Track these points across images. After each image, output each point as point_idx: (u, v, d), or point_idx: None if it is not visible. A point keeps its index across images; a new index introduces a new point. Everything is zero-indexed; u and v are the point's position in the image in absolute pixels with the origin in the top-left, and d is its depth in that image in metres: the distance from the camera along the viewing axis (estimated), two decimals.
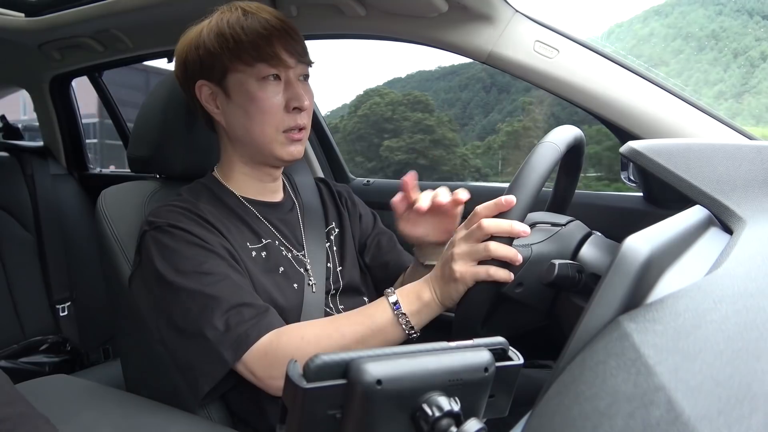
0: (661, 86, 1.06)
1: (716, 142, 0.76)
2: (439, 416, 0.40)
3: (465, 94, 12.70)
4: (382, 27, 1.26)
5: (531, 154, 0.75)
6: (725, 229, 0.65)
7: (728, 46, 10.05)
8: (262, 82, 0.92)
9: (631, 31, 14.01)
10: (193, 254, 0.86)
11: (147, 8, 1.39)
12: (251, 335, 0.81)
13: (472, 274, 0.72)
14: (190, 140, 1.09)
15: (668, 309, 0.39)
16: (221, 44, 0.91)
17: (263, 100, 0.92)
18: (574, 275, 0.72)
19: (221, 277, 0.85)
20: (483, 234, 0.72)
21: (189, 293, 0.83)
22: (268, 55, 0.90)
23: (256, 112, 0.93)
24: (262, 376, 0.81)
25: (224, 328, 0.81)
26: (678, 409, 0.28)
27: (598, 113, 1.08)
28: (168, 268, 0.85)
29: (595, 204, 1.25)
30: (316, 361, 0.41)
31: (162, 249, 0.87)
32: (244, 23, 0.91)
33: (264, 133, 0.94)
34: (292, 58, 0.93)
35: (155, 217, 0.91)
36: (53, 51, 1.83)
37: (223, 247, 0.90)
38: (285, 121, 0.94)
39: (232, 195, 1.00)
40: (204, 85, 0.96)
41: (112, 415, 0.92)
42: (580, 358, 0.40)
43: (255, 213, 1.00)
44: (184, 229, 0.88)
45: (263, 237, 0.97)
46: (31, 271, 2.05)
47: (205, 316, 0.82)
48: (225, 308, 0.82)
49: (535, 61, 1.11)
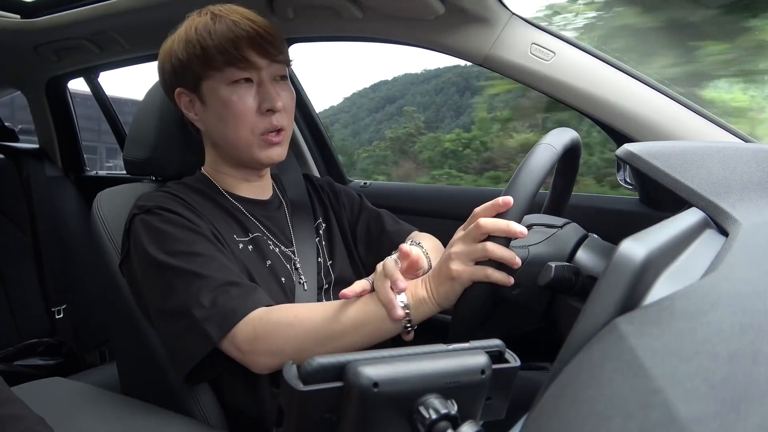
0: (657, 89, 1.07)
1: (712, 144, 0.76)
2: (436, 419, 0.40)
3: (439, 97, 12.71)
4: (379, 29, 1.26)
5: (528, 156, 0.75)
6: (721, 231, 0.65)
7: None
8: (232, 86, 0.92)
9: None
10: (181, 235, 0.86)
11: (143, 10, 1.39)
12: (238, 311, 0.80)
13: (469, 273, 0.72)
14: (186, 142, 1.09)
15: (664, 311, 0.39)
16: (189, 52, 0.92)
17: (235, 104, 0.92)
18: (570, 277, 0.72)
19: (209, 257, 0.84)
20: (480, 233, 0.72)
21: (176, 272, 0.83)
22: (236, 59, 0.90)
23: (230, 117, 0.93)
24: (246, 350, 0.79)
25: (210, 305, 0.80)
26: (674, 412, 0.28)
27: (595, 116, 1.08)
28: (156, 249, 0.85)
29: (590, 206, 1.25)
30: (313, 364, 0.41)
31: (151, 230, 0.87)
32: (211, 28, 0.91)
33: (239, 138, 0.94)
34: (263, 59, 0.92)
35: (144, 201, 0.91)
36: (49, 53, 1.83)
37: (212, 232, 0.90)
38: (260, 124, 0.93)
39: (220, 192, 1.01)
40: (181, 92, 0.97)
41: (108, 418, 0.91)
42: (576, 361, 0.40)
43: (242, 209, 1.00)
44: (173, 211, 0.88)
45: (250, 231, 0.97)
46: (26, 274, 2.04)
47: (191, 294, 0.81)
48: (212, 287, 0.81)
49: (532, 63, 1.11)
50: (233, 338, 0.79)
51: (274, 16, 1.29)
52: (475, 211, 0.75)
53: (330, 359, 0.41)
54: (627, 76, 1.08)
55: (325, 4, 1.23)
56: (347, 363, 0.41)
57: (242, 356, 0.80)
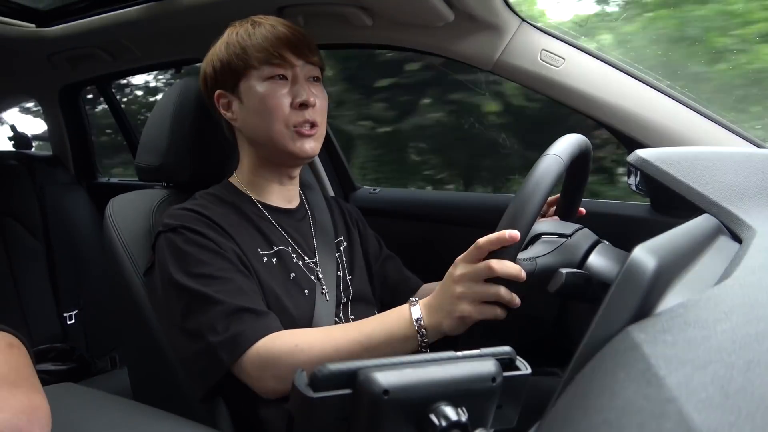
0: (668, 94, 1.06)
1: (725, 150, 0.76)
2: (446, 426, 0.40)
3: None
4: (389, 36, 1.27)
5: (534, 167, 0.74)
6: (734, 237, 0.65)
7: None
8: (268, 82, 0.97)
9: None
10: (203, 257, 0.89)
11: (156, 19, 1.40)
12: (249, 338, 0.83)
13: (479, 313, 0.73)
14: (198, 149, 1.10)
15: (678, 319, 0.38)
16: (230, 52, 0.98)
17: (271, 98, 0.96)
18: (581, 284, 0.71)
19: (227, 280, 0.87)
20: (490, 275, 0.71)
21: (194, 295, 0.86)
22: (273, 56, 0.96)
23: (265, 111, 0.97)
24: (254, 376, 0.84)
25: (224, 330, 0.84)
26: (688, 422, 0.28)
27: (606, 122, 1.08)
28: (177, 269, 0.89)
29: (602, 212, 1.24)
30: (324, 371, 0.41)
31: (174, 250, 0.90)
32: (251, 32, 0.97)
33: (273, 130, 0.97)
34: (298, 58, 0.97)
35: (170, 218, 0.94)
36: (63, 61, 1.85)
37: (233, 251, 0.92)
38: (293, 118, 0.97)
39: (249, 200, 1.03)
40: (221, 94, 1.02)
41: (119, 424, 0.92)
42: (588, 369, 0.39)
43: (269, 218, 1.02)
44: (197, 231, 0.91)
45: (275, 244, 0.99)
46: (39, 280, 2.06)
47: (207, 318, 0.85)
48: (227, 312, 0.84)
49: (542, 69, 1.11)
50: (242, 364, 0.83)
51: None
52: (479, 243, 0.73)
53: (340, 366, 0.41)
54: (638, 82, 1.08)
55: (335, 11, 1.23)
56: (358, 370, 0.41)
57: (251, 381, 0.85)
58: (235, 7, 1.21)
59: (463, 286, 0.73)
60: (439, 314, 0.76)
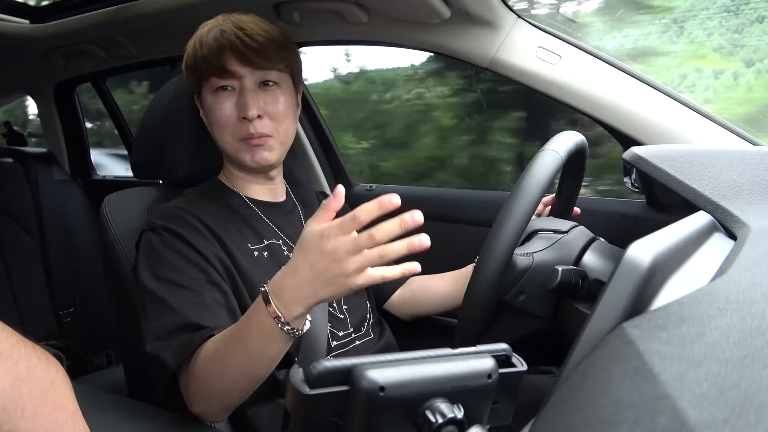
0: (664, 92, 1.06)
1: (720, 148, 0.76)
2: (442, 423, 0.40)
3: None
4: (384, 33, 1.27)
5: (531, 162, 0.75)
6: (729, 234, 0.65)
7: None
8: (215, 94, 0.95)
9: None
10: (176, 263, 0.87)
11: (151, 15, 1.39)
12: (185, 352, 0.79)
13: (367, 280, 0.65)
14: (193, 146, 1.09)
15: (673, 316, 0.38)
16: (187, 63, 0.98)
17: (217, 111, 0.95)
18: (577, 281, 0.71)
19: (192, 293, 0.84)
20: (373, 244, 0.63)
21: (154, 298, 0.85)
22: (216, 68, 0.92)
23: (215, 124, 0.97)
24: (184, 389, 0.82)
25: (168, 338, 0.81)
26: (683, 418, 0.28)
27: (601, 119, 1.08)
28: (146, 269, 0.88)
29: (597, 209, 1.24)
30: (319, 367, 0.41)
31: (150, 250, 0.89)
32: (203, 40, 0.94)
33: (225, 143, 0.97)
34: (244, 67, 0.92)
35: (156, 217, 0.93)
36: (58, 57, 1.84)
37: (216, 256, 0.90)
38: (239, 131, 0.95)
39: (237, 196, 1.03)
40: (196, 98, 1.02)
41: (114, 421, 0.91)
42: (583, 366, 0.39)
43: (258, 213, 1.02)
44: (178, 234, 0.89)
45: (265, 237, 0.99)
46: (34, 277, 2.05)
47: (158, 322, 0.83)
48: (179, 323, 0.81)
49: (538, 66, 1.11)
50: (182, 373, 0.81)
51: (280, 21, 1.30)
52: (356, 213, 0.64)
53: (336, 363, 0.41)
54: (634, 79, 1.08)
55: (331, 8, 1.23)
56: (353, 366, 0.41)
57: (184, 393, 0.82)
58: (229, 4, 1.20)
59: (345, 260, 0.64)
60: (308, 288, 0.68)
